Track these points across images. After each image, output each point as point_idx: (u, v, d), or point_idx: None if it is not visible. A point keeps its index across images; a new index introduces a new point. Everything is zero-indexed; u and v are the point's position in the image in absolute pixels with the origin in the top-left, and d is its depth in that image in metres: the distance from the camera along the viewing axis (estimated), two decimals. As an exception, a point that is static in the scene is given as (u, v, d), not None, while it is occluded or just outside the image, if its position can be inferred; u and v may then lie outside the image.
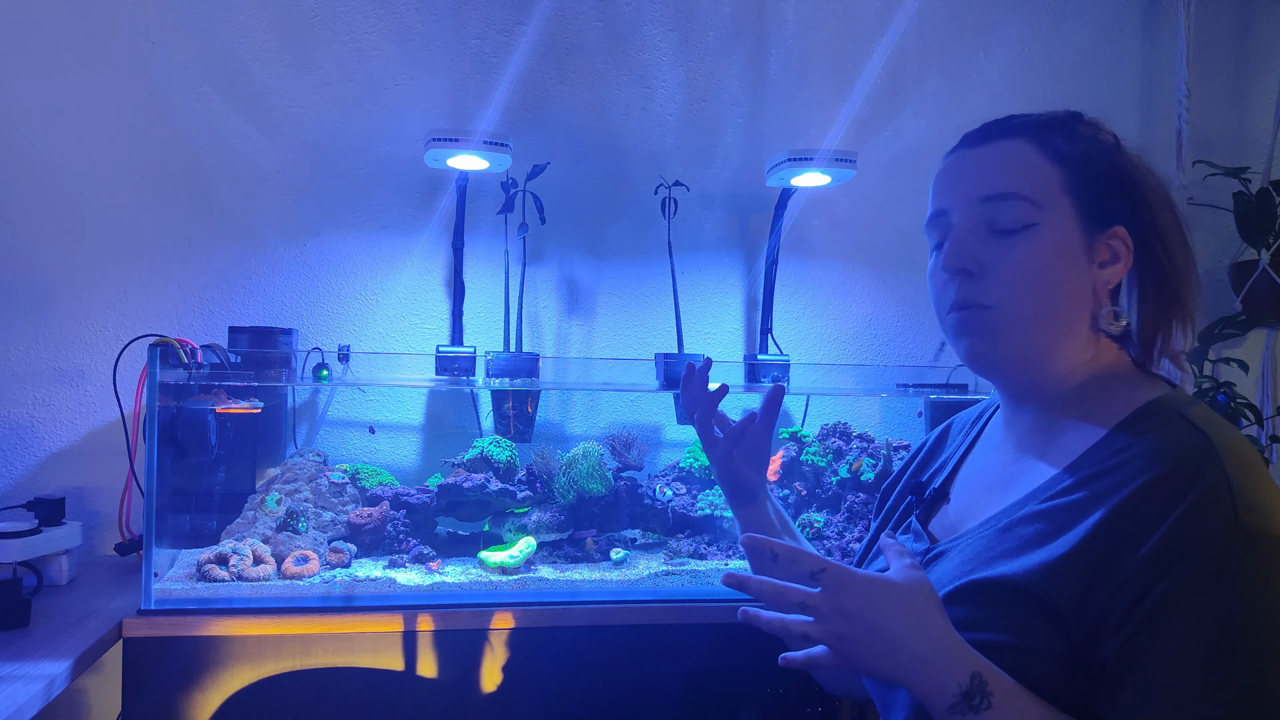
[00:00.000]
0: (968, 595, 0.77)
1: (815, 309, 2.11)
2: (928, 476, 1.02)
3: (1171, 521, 0.68)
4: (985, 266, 0.82)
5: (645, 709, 1.48)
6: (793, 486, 1.80)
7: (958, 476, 0.97)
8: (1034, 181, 0.83)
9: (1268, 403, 2.22)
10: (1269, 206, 2.08)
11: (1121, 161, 0.85)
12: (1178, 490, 0.69)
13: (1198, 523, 0.67)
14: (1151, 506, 0.69)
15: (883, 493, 1.10)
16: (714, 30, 2.05)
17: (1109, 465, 0.75)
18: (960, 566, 0.81)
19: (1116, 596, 0.69)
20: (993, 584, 0.76)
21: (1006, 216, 0.82)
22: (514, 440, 1.77)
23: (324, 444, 1.90)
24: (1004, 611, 0.74)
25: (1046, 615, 0.72)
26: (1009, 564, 0.76)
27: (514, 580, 1.54)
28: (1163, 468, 0.71)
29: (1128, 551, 0.69)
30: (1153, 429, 0.75)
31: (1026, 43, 2.17)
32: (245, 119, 1.88)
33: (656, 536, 1.78)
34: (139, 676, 1.36)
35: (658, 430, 2.04)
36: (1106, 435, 0.78)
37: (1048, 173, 0.83)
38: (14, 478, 1.79)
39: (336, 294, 1.92)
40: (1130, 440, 0.76)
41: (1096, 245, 0.83)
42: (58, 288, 1.82)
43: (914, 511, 0.97)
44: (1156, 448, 0.73)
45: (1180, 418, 0.75)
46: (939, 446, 1.06)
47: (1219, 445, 0.71)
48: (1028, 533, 0.77)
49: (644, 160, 2.04)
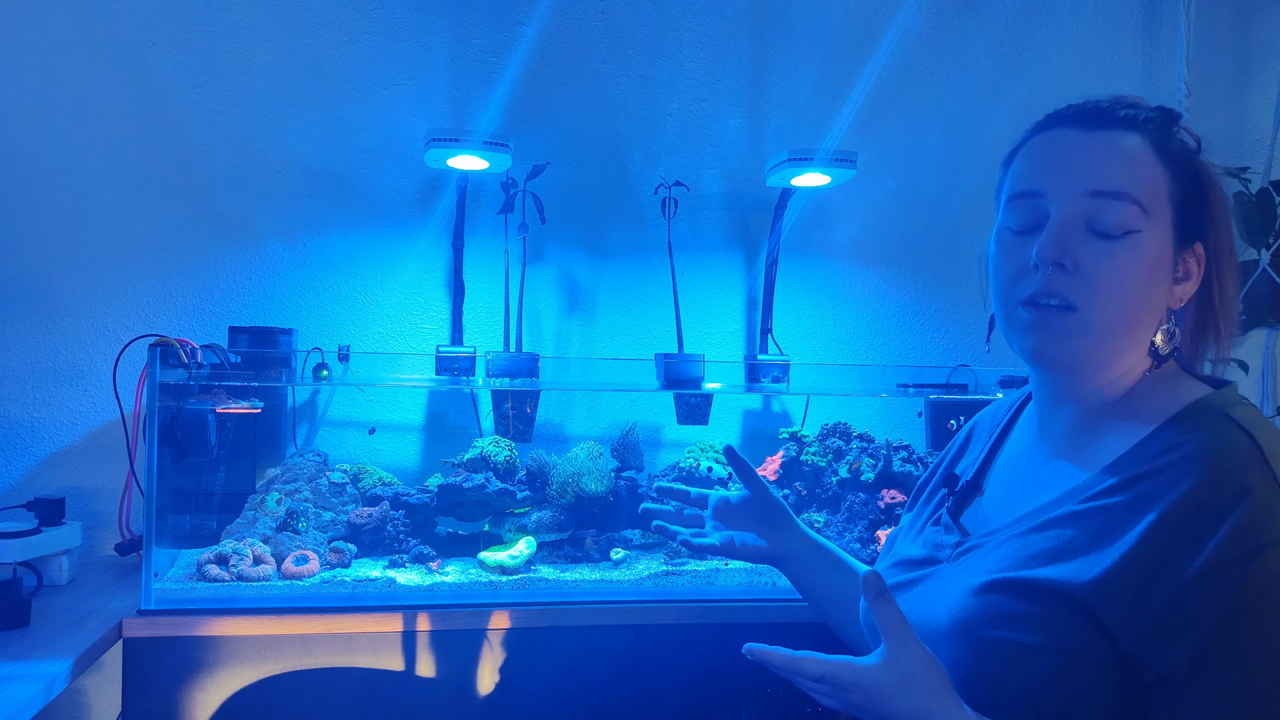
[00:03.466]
0: (1008, 589, 0.76)
1: (815, 309, 2.11)
2: (960, 469, 1.00)
3: (1225, 534, 0.66)
4: (1080, 265, 0.78)
5: (645, 709, 1.48)
6: (793, 486, 1.80)
7: (991, 470, 0.95)
8: (1147, 185, 0.78)
9: (1268, 403, 2.22)
10: (1269, 206, 2.08)
11: (1206, 172, 0.81)
12: (1227, 499, 0.67)
13: (1252, 536, 0.66)
14: (1201, 516, 0.68)
15: (918, 487, 1.07)
16: (714, 30, 2.05)
17: (1152, 467, 0.73)
18: (999, 561, 0.79)
19: (1175, 609, 0.67)
20: (1035, 585, 0.74)
21: (1112, 218, 0.77)
22: (514, 440, 1.77)
23: (324, 444, 1.90)
24: (1046, 614, 0.72)
25: (1092, 623, 0.70)
26: (1052, 567, 0.74)
27: (514, 580, 1.54)
28: (1208, 472, 0.69)
29: (1179, 563, 0.67)
30: (1196, 429, 0.73)
31: (1026, 42, 2.17)
32: (245, 119, 1.88)
33: (657, 537, 1.77)
34: (139, 676, 1.36)
35: (658, 430, 2.04)
36: (1149, 435, 0.76)
37: (1159, 178, 0.79)
38: (14, 478, 1.79)
39: (336, 294, 1.92)
40: (1173, 441, 0.74)
41: (1179, 260, 0.80)
42: (58, 288, 1.82)
43: (946, 503, 0.95)
44: (1200, 450, 0.71)
45: (1225, 418, 0.73)
46: (969, 441, 1.04)
47: (1266, 448, 0.69)
48: (1067, 534, 0.75)
49: (644, 160, 2.04)
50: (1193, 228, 0.80)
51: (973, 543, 0.85)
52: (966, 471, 0.97)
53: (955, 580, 0.83)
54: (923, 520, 0.99)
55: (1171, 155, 0.80)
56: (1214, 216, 0.81)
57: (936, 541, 0.91)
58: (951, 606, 0.80)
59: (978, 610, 0.77)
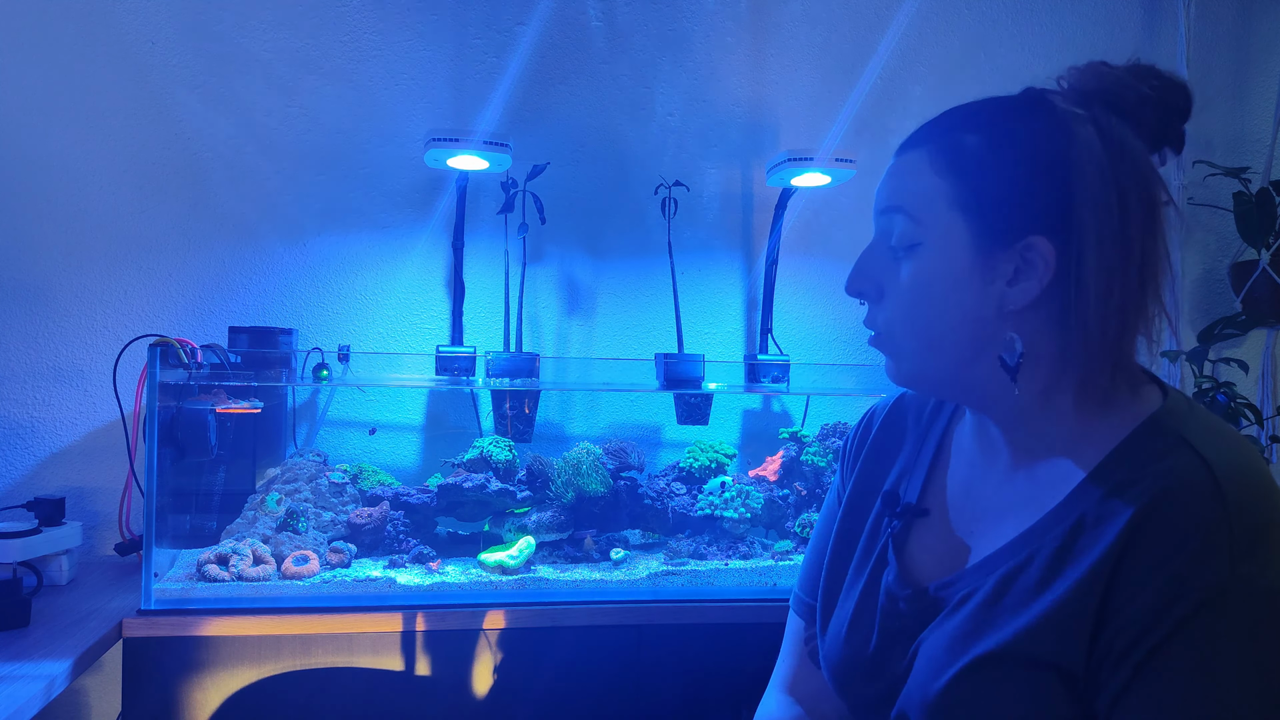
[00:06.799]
0: (980, 670, 0.71)
1: (815, 309, 2.11)
2: (894, 484, 0.90)
3: (1168, 573, 0.64)
4: (883, 292, 0.79)
5: (645, 709, 1.48)
6: (793, 486, 1.81)
7: (931, 488, 0.87)
8: (916, 197, 0.76)
9: (1268, 403, 2.22)
10: (1269, 206, 2.08)
11: (1055, 155, 0.72)
12: (1177, 538, 0.65)
13: (1193, 574, 0.63)
14: (1149, 554, 0.65)
15: (836, 504, 0.96)
16: (714, 30, 2.05)
17: (1104, 512, 0.69)
18: (965, 626, 0.74)
19: (1110, 646, 0.66)
20: (1002, 654, 0.70)
21: (896, 234, 0.77)
22: (514, 440, 1.77)
23: (324, 444, 1.91)
24: (1019, 682, 0.69)
25: (1060, 676, 0.68)
26: (1014, 621, 0.70)
27: (514, 580, 1.54)
28: (1160, 510, 0.66)
29: (1123, 600, 0.66)
30: (1153, 458, 0.69)
31: (1026, 42, 2.17)
32: (245, 119, 1.88)
33: (656, 537, 1.78)
34: (139, 676, 1.37)
35: (658, 430, 2.04)
36: (1102, 463, 0.72)
37: (935, 186, 0.75)
38: (14, 478, 1.80)
39: (336, 294, 1.92)
40: (1128, 473, 0.69)
41: (998, 261, 0.73)
42: (58, 288, 1.82)
43: (890, 530, 0.86)
44: (1155, 485, 0.67)
45: (1181, 442, 0.69)
46: (890, 440, 0.95)
47: (1221, 477, 0.66)
48: (1029, 582, 0.71)
49: (644, 160, 2.04)
50: (1015, 224, 0.72)
51: (939, 595, 0.79)
52: (907, 491, 0.89)
53: (928, 652, 0.77)
54: (857, 549, 0.90)
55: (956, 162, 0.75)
56: (1067, 204, 0.71)
57: (889, 592, 0.83)
58: (926, 682, 0.75)
59: (962, 691, 0.72)
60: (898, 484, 0.90)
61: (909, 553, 0.85)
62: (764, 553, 1.71)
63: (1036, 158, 0.73)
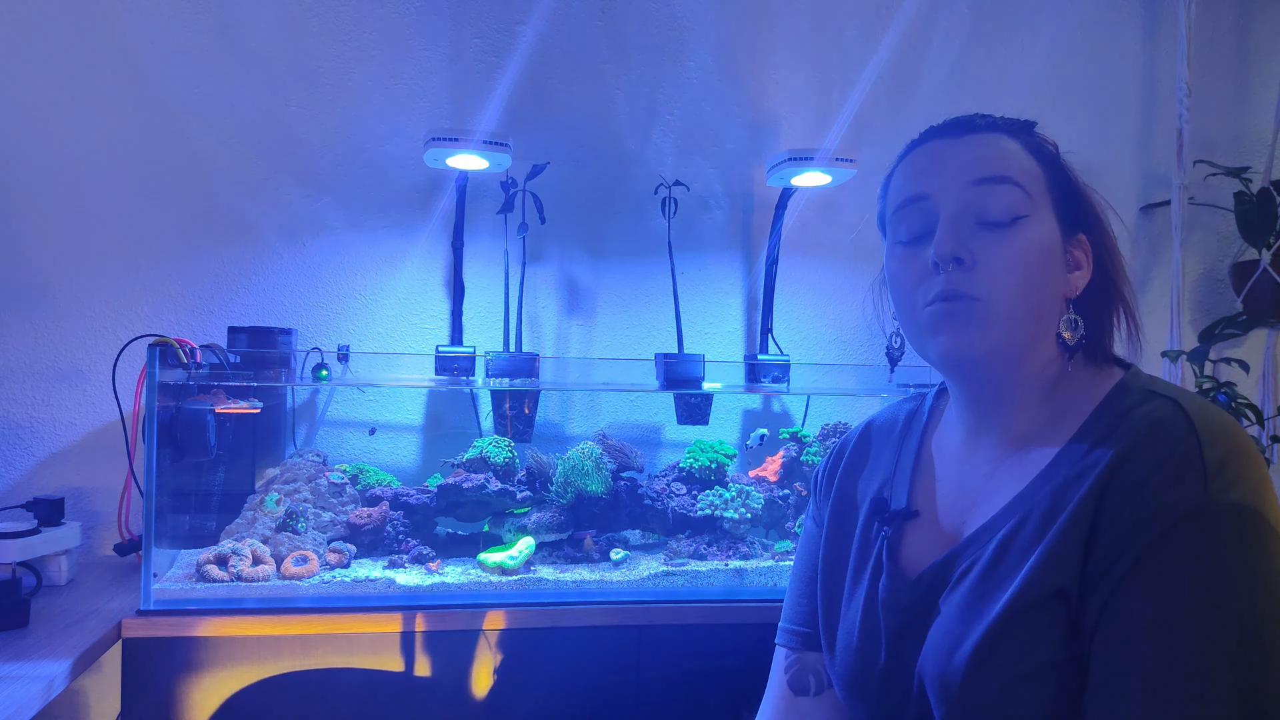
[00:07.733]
0: (996, 631, 0.73)
1: (815, 309, 2.11)
2: (879, 493, 0.92)
3: (1147, 492, 0.69)
4: (977, 258, 0.78)
5: (645, 709, 1.48)
6: (793, 486, 1.80)
7: (921, 495, 0.89)
8: (1025, 172, 0.80)
9: (1268, 402, 2.22)
10: (1270, 206, 2.08)
11: (1075, 172, 0.85)
12: (1155, 464, 0.69)
13: (1168, 492, 0.68)
14: (1131, 480, 0.70)
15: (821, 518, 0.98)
16: (714, 30, 2.05)
17: (1088, 463, 0.74)
18: (972, 595, 0.76)
19: (1097, 565, 0.69)
20: (1013, 609, 0.72)
21: (998, 205, 0.78)
22: (513, 440, 1.77)
23: (323, 444, 1.90)
24: (1035, 629, 0.71)
25: (1065, 607, 0.71)
26: (1019, 573, 0.73)
27: (513, 581, 1.53)
28: (1139, 444, 0.71)
29: (1108, 521, 0.70)
30: (1127, 411, 0.75)
31: (1026, 42, 2.17)
32: (245, 118, 1.88)
33: (656, 537, 1.77)
34: (138, 677, 1.36)
35: (658, 430, 2.04)
36: (1082, 426, 0.77)
37: (1032, 167, 0.81)
38: (14, 478, 1.79)
39: (336, 294, 1.92)
40: (1106, 428, 0.75)
41: (1068, 250, 0.82)
42: (58, 288, 1.82)
43: (882, 535, 0.87)
44: (1133, 427, 0.73)
45: (1148, 393, 0.76)
46: (865, 459, 0.98)
47: (1190, 412, 0.71)
48: (1026, 538, 0.75)
49: (644, 160, 2.03)
50: (1074, 220, 0.82)
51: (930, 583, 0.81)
52: (894, 499, 0.91)
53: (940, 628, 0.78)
54: (850, 564, 0.91)
55: (1040, 151, 0.83)
56: (1094, 210, 0.84)
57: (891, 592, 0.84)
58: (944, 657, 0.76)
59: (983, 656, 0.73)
60: (881, 493, 0.93)
61: (904, 555, 0.87)
62: (764, 553, 1.71)
63: (1069, 170, 0.84)
